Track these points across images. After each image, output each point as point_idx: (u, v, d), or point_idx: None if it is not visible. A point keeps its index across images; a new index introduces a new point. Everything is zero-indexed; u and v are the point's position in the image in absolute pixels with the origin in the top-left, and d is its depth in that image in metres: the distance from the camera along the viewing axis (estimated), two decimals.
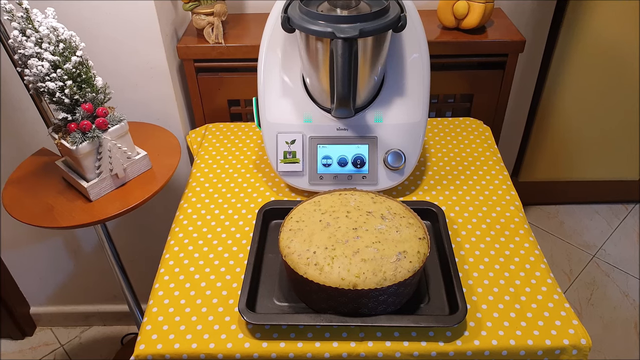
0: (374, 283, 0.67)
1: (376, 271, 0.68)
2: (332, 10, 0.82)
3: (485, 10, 1.13)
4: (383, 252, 0.69)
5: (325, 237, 0.72)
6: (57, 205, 0.96)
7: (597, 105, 1.65)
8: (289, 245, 0.72)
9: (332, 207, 0.77)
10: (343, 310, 0.70)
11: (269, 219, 0.87)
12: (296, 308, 0.74)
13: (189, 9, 1.14)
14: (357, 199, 0.79)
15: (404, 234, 0.72)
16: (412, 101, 0.91)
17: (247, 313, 0.70)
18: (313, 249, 0.71)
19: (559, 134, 1.72)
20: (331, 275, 0.68)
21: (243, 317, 0.70)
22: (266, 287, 0.77)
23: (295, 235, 0.74)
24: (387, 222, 0.74)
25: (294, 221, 0.76)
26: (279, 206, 0.87)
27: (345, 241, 0.71)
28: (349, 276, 0.67)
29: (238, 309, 0.71)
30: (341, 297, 0.68)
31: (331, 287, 0.67)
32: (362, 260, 0.69)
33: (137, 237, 1.44)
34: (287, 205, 0.87)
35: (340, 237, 0.72)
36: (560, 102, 1.63)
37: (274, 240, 0.84)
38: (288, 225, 0.76)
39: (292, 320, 0.71)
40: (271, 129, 0.92)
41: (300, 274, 0.69)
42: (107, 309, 1.64)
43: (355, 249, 0.70)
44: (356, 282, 0.67)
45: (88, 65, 0.90)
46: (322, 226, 0.74)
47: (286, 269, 0.74)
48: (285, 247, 0.73)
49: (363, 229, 0.73)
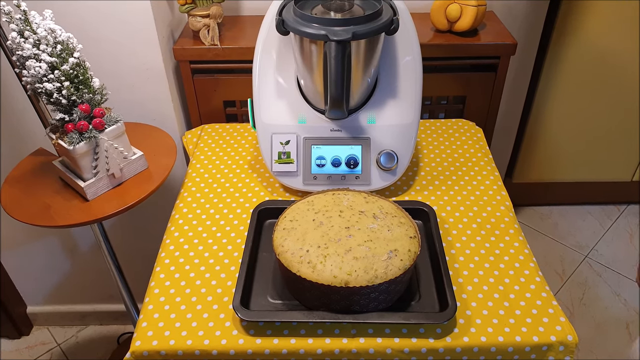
0: (365, 280, 0.68)
1: (367, 269, 0.69)
2: (325, 13, 0.84)
3: (478, 13, 1.15)
4: (375, 251, 0.71)
5: (318, 236, 0.73)
6: (54, 204, 0.97)
7: (589, 106, 1.67)
8: (282, 244, 0.74)
9: (325, 206, 0.79)
10: (335, 308, 0.71)
11: (264, 218, 0.89)
12: (289, 305, 0.75)
13: (185, 11, 1.16)
14: (350, 198, 0.80)
15: (395, 233, 0.74)
16: (404, 103, 0.93)
17: (241, 310, 0.72)
18: (306, 247, 0.72)
19: (552, 136, 1.74)
20: (323, 273, 0.69)
21: (237, 314, 0.71)
22: (260, 285, 0.78)
23: (288, 234, 0.75)
24: (379, 221, 0.76)
25: (288, 220, 0.77)
26: (273, 206, 0.89)
27: (338, 240, 0.72)
28: (341, 274, 0.69)
29: (232, 306, 0.72)
30: (333, 295, 0.70)
31: (324, 285, 0.69)
32: (354, 258, 0.70)
33: (133, 236, 1.45)
34: (281, 205, 0.88)
35: (333, 235, 0.73)
36: (553, 104, 1.65)
37: (268, 239, 0.85)
38: (282, 224, 0.77)
39: (286, 317, 0.72)
40: (266, 130, 0.94)
41: (294, 271, 0.70)
42: (104, 309, 1.65)
43: (348, 247, 0.71)
44: (348, 279, 0.68)
45: (85, 67, 0.91)
46: (315, 225, 0.75)
47: (280, 267, 0.75)
48: (279, 245, 0.74)
49: (355, 228, 0.74)
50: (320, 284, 0.69)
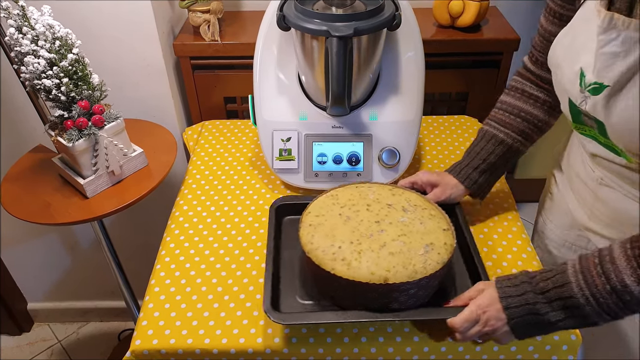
0: (405, 276, 0.65)
1: (406, 264, 0.66)
2: (327, 8, 0.83)
3: (481, 8, 1.14)
4: (410, 245, 0.68)
5: (348, 231, 0.70)
6: (54, 202, 0.96)
7: None
8: (311, 241, 0.70)
9: (350, 200, 0.76)
10: (372, 306, 0.67)
11: (282, 215, 0.84)
12: (321, 305, 0.72)
13: (186, 6, 1.15)
14: (375, 191, 0.77)
15: (428, 226, 0.71)
16: (406, 99, 0.92)
17: (273, 313, 0.67)
18: (337, 243, 0.68)
19: (554, 132, 1.73)
20: (360, 270, 0.65)
21: (270, 317, 0.66)
22: (287, 286, 0.74)
23: (316, 230, 0.71)
24: (409, 214, 0.73)
25: (313, 216, 0.74)
26: (291, 202, 0.85)
27: (370, 235, 0.69)
28: (378, 270, 0.65)
29: (264, 309, 0.67)
30: (370, 292, 0.66)
31: (361, 283, 0.65)
32: (390, 253, 0.67)
33: (133, 233, 1.44)
34: (300, 201, 0.84)
35: (364, 231, 0.70)
36: None
37: (289, 237, 0.81)
38: (307, 220, 0.73)
39: (320, 319, 0.69)
40: (267, 127, 0.93)
41: (327, 269, 0.66)
42: (104, 305, 1.65)
43: (382, 242, 0.68)
44: (387, 276, 0.65)
45: (84, 63, 0.91)
46: (342, 220, 0.72)
47: (309, 265, 0.71)
48: (307, 242, 0.70)
49: (386, 222, 0.71)
50: (357, 281, 0.65)
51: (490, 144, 0.83)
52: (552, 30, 0.73)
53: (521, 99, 0.83)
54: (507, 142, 0.82)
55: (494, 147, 0.82)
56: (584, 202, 0.81)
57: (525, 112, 0.82)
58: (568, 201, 0.86)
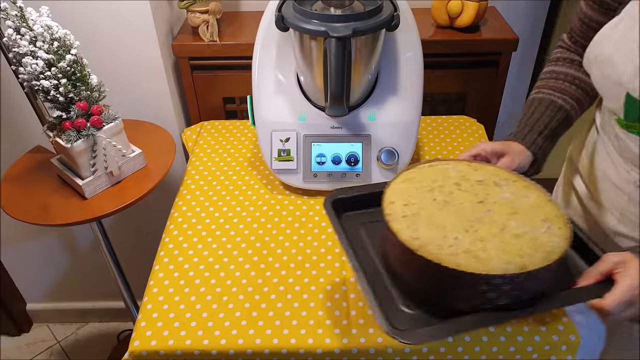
0: (541, 260, 0.56)
1: (537, 247, 0.57)
2: (325, 9, 0.83)
3: (479, 8, 1.14)
4: (530, 224, 0.59)
5: (452, 218, 0.60)
6: (53, 202, 0.96)
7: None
8: (416, 236, 0.59)
9: (434, 181, 0.66)
10: (499, 302, 0.57)
11: (338, 211, 0.71)
12: (430, 312, 0.60)
13: (184, 6, 1.15)
14: (454, 167, 0.68)
15: (532, 199, 0.63)
16: (405, 99, 0.92)
17: (404, 335, 0.55)
18: (451, 234, 0.58)
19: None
20: (490, 262, 0.55)
21: (400, 339, 0.55)
22: (382, 294, 0.62)
23: (414, 222, 0.60)
24: (507, 189, 0.64)
25: (401, 205, 0.63)
26: (348, 195, 0.72)
27: (479, 218, 0.60)
28: (512, 258, 0.56)
29: (387, 332, 0.56)
30: (505, 285, 0.56)
31: (497, 276, 0.54)
32: (514, 236, 0.58)
33: (132, 234, 1.44)
34: (359, 192, 0.72)
35: (470, 215, 0.60)
36: None
37: (358, 236, 0.70)
38: (397, 212, 0.62)
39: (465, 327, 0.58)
40: (266, 127, 0.93)
41: (451, 267, 0.55)
42: (103, 306, 1.65)
43: (499, 225, 0.59)
44: (524, 263, 0.55)
45: (82, 64, 0.91)
46: (439, 205, 0.62)
47: (416, 265, 0.60)
48: (411, 239, 0.59)
49: (490, 201, 0.62)
50: (492, 275, 0.54)
51: (550, 110, 0.77)
52: (592, 15, 0.73)
53: (572, 67, 0.80)
54: (565, 108, 0.78)
55: (553, 112, 0.77)
56: (612, 205, 0.79)
57: (578, 80, 0.79)
58: (590, 206, 0.83)
